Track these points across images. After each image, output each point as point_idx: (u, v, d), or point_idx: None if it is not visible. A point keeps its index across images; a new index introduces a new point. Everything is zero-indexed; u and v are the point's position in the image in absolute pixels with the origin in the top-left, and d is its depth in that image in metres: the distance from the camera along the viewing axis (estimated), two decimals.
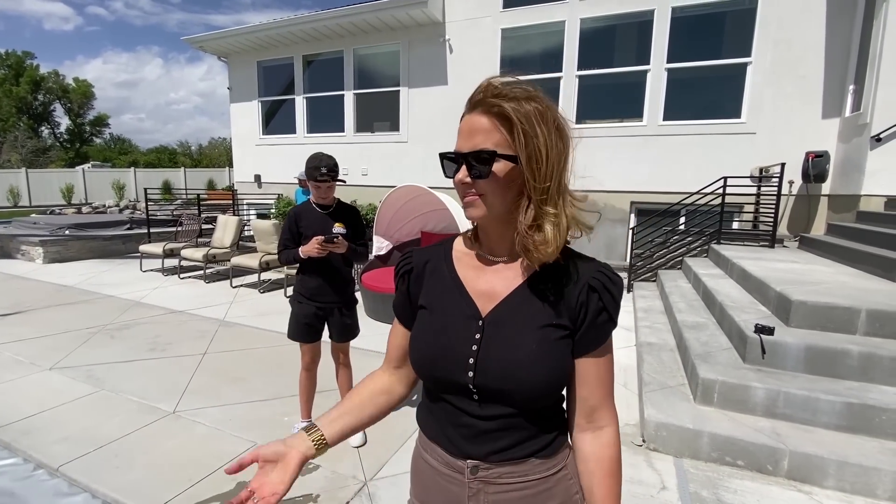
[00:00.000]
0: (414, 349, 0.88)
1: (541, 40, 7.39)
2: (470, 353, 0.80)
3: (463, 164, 0.76)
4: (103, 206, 16.78)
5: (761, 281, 3.49)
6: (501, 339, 0.80)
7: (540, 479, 0.82)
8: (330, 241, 2.27)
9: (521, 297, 0.81)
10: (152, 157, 37.83)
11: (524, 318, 0.80)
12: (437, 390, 0.86)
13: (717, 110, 6.37)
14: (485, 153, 0.74)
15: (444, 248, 0.93)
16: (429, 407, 0.90)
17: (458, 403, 0.83)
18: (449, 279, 0.88)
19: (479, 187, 0.76)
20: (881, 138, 4.82)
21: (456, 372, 0.80)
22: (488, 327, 0.81)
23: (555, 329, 0.79)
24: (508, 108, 0.73)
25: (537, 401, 0.80)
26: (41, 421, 2.83)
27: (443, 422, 0.86)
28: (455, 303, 0.85)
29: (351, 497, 2.18)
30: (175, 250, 7.02)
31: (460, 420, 0.83)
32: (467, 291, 0.85)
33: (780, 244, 5.46)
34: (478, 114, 0.76)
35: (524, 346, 0.78)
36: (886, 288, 3.28)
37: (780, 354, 2.74)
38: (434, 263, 0.91)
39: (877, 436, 2.35)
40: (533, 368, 0.77)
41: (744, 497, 2.20)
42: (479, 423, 0.81)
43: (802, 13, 5.70)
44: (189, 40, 9.65)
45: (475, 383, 0.79)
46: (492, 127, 0.74)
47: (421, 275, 0.91)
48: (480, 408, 0.81)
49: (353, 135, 8.90)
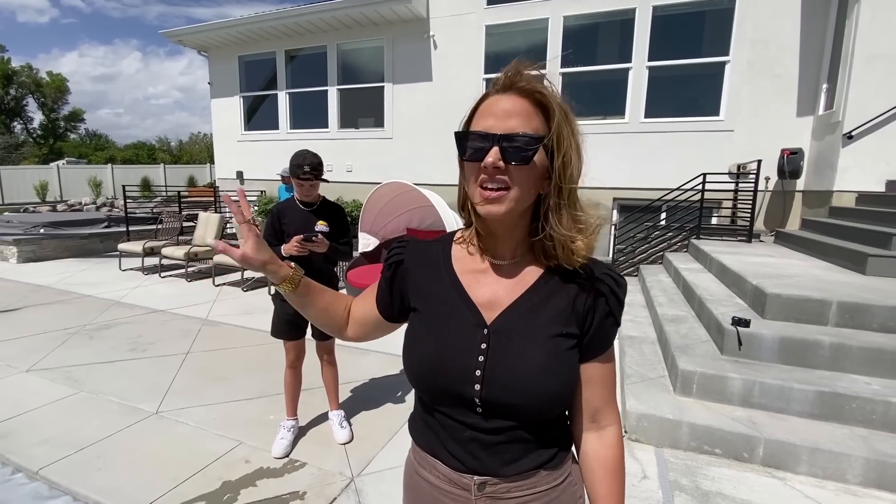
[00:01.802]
0: (411, 357, 0.81)
1: (525, 37, 7.42)
2: (476, 365, 0.74)
3: (494, 147, 0.67)
4: (79, 203, 16.36)
5: (738, 275, 3.59)
6: (509, 349, 0.75)
7: (547, 489, 0.79)
8: (309, 239, 2.26)
9: (527, 304, 0.77)
10: (130, 154, 36.96)
11: (532, 328, 0.75)
12: (435, 402, 0.80)
13: (696, 108, 6.49)
14: (528, 137, 0.67)
15: (443, 247, 0.86)
16: (424, 419, 0.85)
17: (459, 416, 0.77)
18: (448, 282, 0.81)
19: (512, 175, 0.68)
20: (853, 136, 4.97)
21: (460, 384, 0.75)
22: (494, 336, 0.75)
23: (564, 339, 0.75)
24: (548, 96, 0.68)
25: (546, 413, 0.77)
26: (19, 424, 2.76)
27: (443, 436, 0.80)
28: (456, 308, 0.79)
29: (338, 493, 2.19)
30: (155, 248, 6.90)
31: (463, 434, 0.77)
32: (469, 296, 0.79)
33: (757, 239, 5.61)
34: (514, 95, 0.69)
35: (534, 358, 0.74)
36: (856, 280, 3.40)
37: (755, 346, 2.82)
38: (430, 261, 0.85)
39: (847, 423, 2.45)
40: (544, 381, 0.73)
41: (721, 484, 2.27)
42: (484, 437, 0.76)
43: (778, 14, 5.84)
44: (168, 34, 9.43)
45: (482, 397, 0.74)
46: (531, 112, 0.69)
47: (413, 270, 0.85)
48: (485, 421, 0.76)
49: (338, 131, 8.83)
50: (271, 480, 2.28)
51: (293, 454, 2.50)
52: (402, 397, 3.16)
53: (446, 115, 7.77)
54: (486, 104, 0.71)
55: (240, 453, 2.49)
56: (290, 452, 2.50)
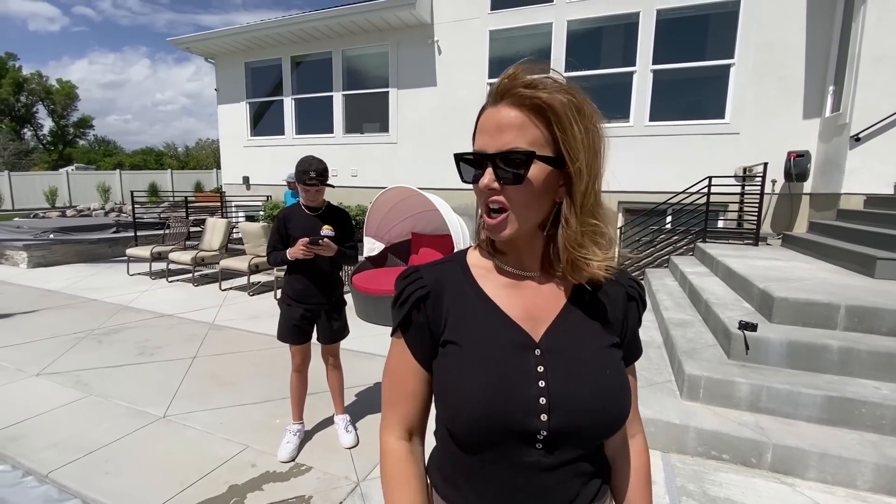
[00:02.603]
0: (456, 398, 0.67)
1: (528, 42, 7.44)
2: (538, 392, 0.65)
3: (489, 167, 0.63)
4: (88, 208, 16.55)
5: (745, 278, 3.57)
6: (569, 369, 0.67)
7: None
8: (315, 242, 2.28)
9: (571, 317, 0.71)
10: (138, 159, 37.38)
11: (583, 342, 0.70)
12: (486, 447, 0.67)
13: (701, 111, 6.47)
14: (519, 154, 0.61)
15: (460, 264, 0.76)
16: (460, 467, 0.72)
17: (515, 457, 0.67)
18: (479, 302, 0.71)
19: (509, 195, 0.64)
20: (860, 138, 4.94)
21: (523, 418, 0.64)
22: (548, 356, 0.68)
23: (615, 349, 0.72)
24: (546, 99, 0.61)
25: (612, 433, 0.70)
26: (29, 427, 2.80)
27: (491, 488, 0.69)
28: (496, 331, 0.69)
29: (344, 497, 2.19)
30: (163, 253, 6.95)
31: (517, 480, 0.67)
32: (507, 315, 0.70)
33: (764, 242, 5.57)
34: (506, 106, 0.63)
35: (597, 374, 0.68)
36: (865, 284, 3.37)
37: (763, 350, 2.80)
38: (452, 285, 0.74)
39: (856, 428, 2.42)
40: (611, 397, 0.68)
41: (729, 490, 2.25)
42: (542, 478, 0.67)
43: (783, 16, 5.82)
44: (175, 41, 9.55)
45: (550, 426, 0.65)
46: (526, 122, 0.62)
47: (438, 300, 0.72)
48: (547, 456, 0.66)
49: (343, 136, 8.88)
50: (277, 484, 2.29)
51: (299, 458, 2.51)
52: None
53: (451, 120, 7.80)
54: (482, 118, 0.66)
55: (246, 457, 2.50)
56: (297, 456, 2.51)
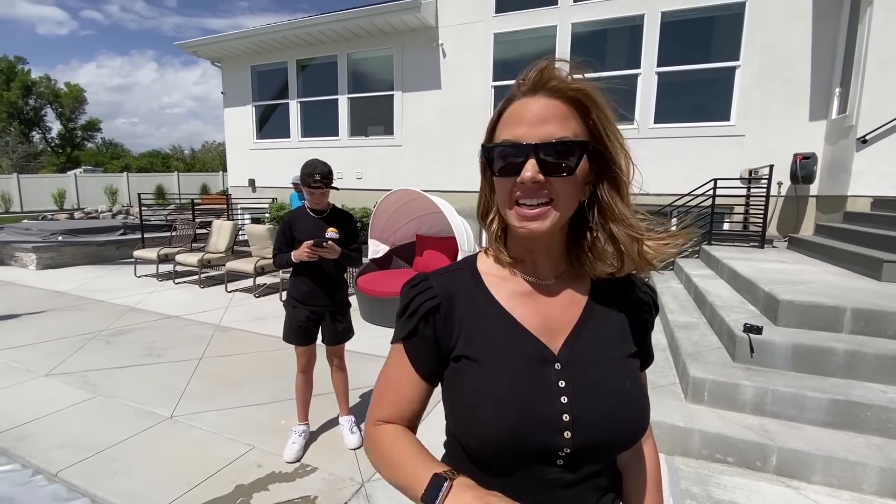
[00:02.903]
0: (477, 418, 0.63)
1: (533, 45, 7.46)
2: (560, 409, 0.62)
3: (531, 158, 0.59)
4: (96, 211, 16.71)
5: (750, 281, 3.56)
6: (591, 383, 0.65)
7: None
8: (319, 245, 2.30)
9: (589, 327, 0.68)
10: (145, 162, 37.70)
11: (602, 353, 0.68)
12: (507, 467, 0.64)
13: (706, 113, 6.46)
14: (571, 144, 0.59)
15: (470, 272, 0.73)
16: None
17: (533, 475, 0.64)
18: (494, 314, 0.68)
19: (554, 189, 0.60)
20: (867, 140, 4.92)
21: (546, 436, 0.62)
22: (568, 370, 0.65)
23: (633, 359, 0.70)
24: (588, 90, 0.61)
25: (633, 444, 0.68)
26: (38, 427, 2.83)
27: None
28: (514, 345, 0.66)
29: (349, 498, 2.21)
30: (170, 255, 7.02)
31: (538, 497, 0.64)
32: (524, 327, 0.67)
33: (770, 245, 5.55)
34: (545, 97, 0.61)
35: (619, 386, 0.66)
36: (871, 287, 3.35)
37: (768, 353, 2.80)
38: (464, 295, 0.70)
39: (862, 431, 2.41)
40: (635, 409, 0.66)
41: (733, 493, 2.25)
42: (562, 495, 0.65)
43: (789, 18, 5.81)
44: (182, 45, 9.64)
45: (573, 445, 0.62)
46: (568, 113, 0.60)
47: (450, 311, 0.69)
48: (568, 473, 0.64)
49: (348, 139, 8.93)
50: (283, 485, 2.31)
51: (304, 459, 2.53)
52: None
53: (455, 123, 7.83)
54: (513, 109, 0.63)
55: (252, 458, 2.53)
56: (302, 457, 2.53)
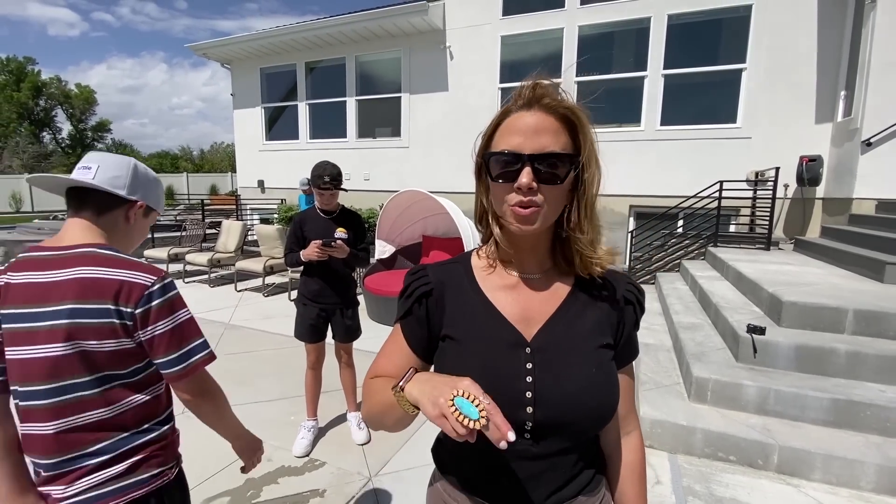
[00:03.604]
0: None
1: (540, 47, 7.51)
2: (525, 387, 0.71)
3: (527, 167, 0.67)
4: None
5: (755, 282, 3.59)
6: (556, 367, 0.73)
7: None
8: (328, 244, 2.36)
9: (564, 318, 0.76)
10: (154, 163, 38.07)
11: (574, 342, 0.75)
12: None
13: (713, 115, 6.47)
14: (563, 157, 0.68)
15: (463, 266, 0.82)
16: (458, 454, 0.80)
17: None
18: (478, 302, 0.77)
19: (544, 193, 0.68)
20: (871, 143, 4.92)
21: (511, 410, 0.68)
22: (538, 354, 0.73)
23: (605, 350, 0.76)
24: (575, 110, 0.69)
25: (598, 428, 0.76)
26: None
27: (486, 470, 0.76)
28: (491, 330, 0.75)
29: (357, 492, 2.27)
30: (179, 255, 7.13)
31: (508, 466, 0.73)
32: (503, 315, 0.76)
33: (776, 247, 5.55)
34: (540, 112, 0.68)
35: (584, 372, 0.73)
36: (874, 289, 3.37)
37: (771, 353, 2.83)
38: (454, 284, 0.80)
39: (861, 430, 2.44)
40: (598, 394, 0.73)
41: (735, 491, 2.29)
42: (531, 465, 0.73)
43: (795, 21, 5.82)
44: (193, 47, 9.78)
45: (535, 419, 0.71)
46: (559, 128, 0.68)
47: (441, 297, 0.79)
48: (534, 446, 0.72)
49: (356, 140, 9.02)
50: (292, 478, 2.38)
51: (313, 454, 2.59)
52: None
53: (462, 125, 7.89)
54: (511, 121, 0.70)
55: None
56: (311, 452, 2.59)
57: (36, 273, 0.98)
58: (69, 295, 0.95)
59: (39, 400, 0.96)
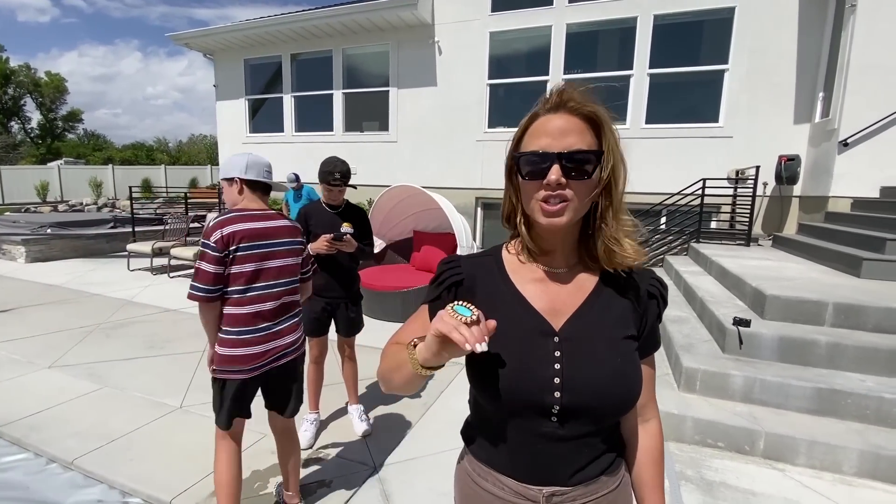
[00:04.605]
0: (485, 373, 0.78)
1: (528, 44, 7.57)
2: (553, 373, 0.76)
3: (555, 165, 0.72)
4: (80, 203, 16.40)
5: (738, 277, 3.73)
6: (583, 355, 0.78)
7: (607, 493, 0.83)
8: (339, 238, 2.38)
9: (591, 311, 0.81)
10: (128, 154, 36.91)
11: (600, 332, 0.79)
12: (510, 415, 0.80)
13: (696, 115, 6.64)
14: (590, 153, 0.73)
15: (495, 260, 0.88)
16: (489, 434, 0.85)
17: (532, 426, 0.78)
18: (508, 294, 0.83)
19: (573, 189, 0.73)
20: (848, 143, 5.14)
21: (540, 393, 0.76)
22: (565, 344, 0.78)
23: (630, 341, 0.81)
24: (599, 112, 0.74)
25: (620, 413, 0.81)
26: (48, 417, 2.87)
27: (512, 449, 0.81)
28: (522, 319, 0.80)
29: (363, 482, 2.30)
30: (164, 249, 6.99)
31: (535, 446, 0.79)
32: (533, 307, 0.81)
33: (755, 243, 5.75)
34: (566, 114, 0.74)
35: (609, 361, 0.78)
36: (852, 283, 3.54)
37: (755, 345, 2.96)
38: (486, 276, 0.85)
39: (842, 417, 2.58)
40: (622, 382, 0.77)
41: (724, 475, 2.40)
42: (556, 446, 0.78)
43: (776, 24, 6.01)
44: (174, 37, 9.54)
45: (562, 403, 0.76)
46: (584, 128, 0.74)
47: (471, 288, 0.84)
48: (560, 428, 0.77)
49: (342, 134, 8.95)
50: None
51: (316, 445, 2.61)
52: (417, 393, 3.27)
53: (451, 120, 7.91)
54: (538, 124, 0.76)
55: (265, 445, 2.60)
56: (314, 444, 2.61)
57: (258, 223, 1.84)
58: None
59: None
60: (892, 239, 3.82)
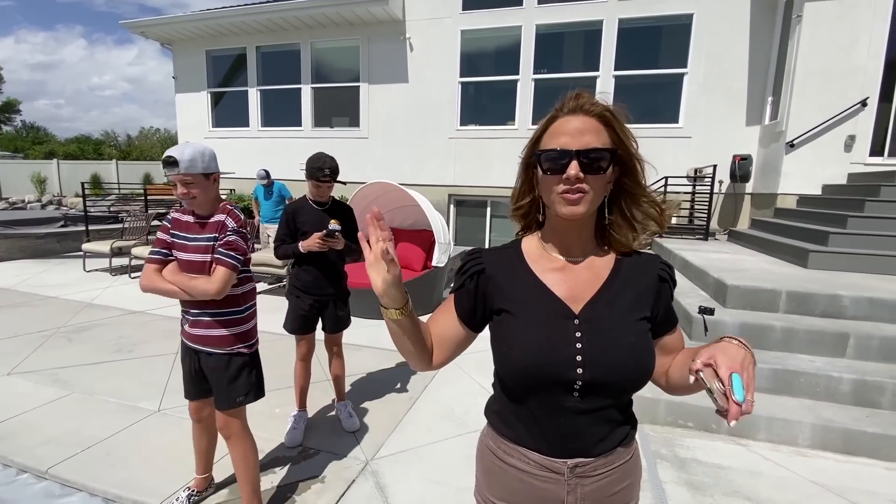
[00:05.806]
0: (512, 352, 0.87)
1: (499, 43, 7.68)
2: (575, 352, 0.84)
3: (574, 161, 0.80)
4: (22, 201, 15.33)
5: (701, 269, 3.97)
6: (602, 335, 0.85)
7: (622, 464, 0.91)
8: (331, 235, 2.38)
9: (607, 296, 0.89)
10: (73, 148, 34.65)
11: (616, 315, 0.87)
12: (533, 391, 0.87)
13: (658, 116, 6.96)
14: (605, 151, 0.81)
15: (515, 251, 0.96)
16: (513, 411, 0.92)
17: (556, 401, 0.85)
18: (530, 282, 0.91)
19: (589, 184, 0.82)
20: (794, 144, 5.54)
21: (564, 370, 0.83)
22: (585, 325, 0.86)
23: (643, 322, 0.89)
24: (614, 112, 0.83)
25: (637, 387, 0.88)
26: (15, 426, 2.72)
27: (538, 423, 0.88)
28: (544, 304, 0.88)
29: (356, 476, 2.33)
30: (124, 248, 6.68)
31: (558, 419, 0.87)
32: (554, 293, 0.89)
33: (713, 237, 6.12)
34: (582, 115, 0.83)
35: (626, 341, 0.86)
36: (800, 273, 3.85)
37: (719, 331, 3.17)
38: (507, 266, 0.94)
39: (796, 395, 2.83)
40: (638, 358, 0.86)
41: (695, 452, 2.59)
42: (578, 419, 0.86)
43: (730, 30, 6.39)
44: (129, 24, 9.07)
45: (584, 378, 0.83)
46: (600, 128, 0.83)
47: (494, 277, 0.93)
48: (581, 402, 0.85)
49: (311, 129, 8.79)
50: (290, 467, 2.40)
51: (305, 443, 2.61)
52: (401, 388, 3.32)
53: (423, 117, 7.93)
54: (557, 125, 0.85)
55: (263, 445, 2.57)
56: (302, 441, 2.61)
57: None
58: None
59: None
60: (834, 232, 4.18)
